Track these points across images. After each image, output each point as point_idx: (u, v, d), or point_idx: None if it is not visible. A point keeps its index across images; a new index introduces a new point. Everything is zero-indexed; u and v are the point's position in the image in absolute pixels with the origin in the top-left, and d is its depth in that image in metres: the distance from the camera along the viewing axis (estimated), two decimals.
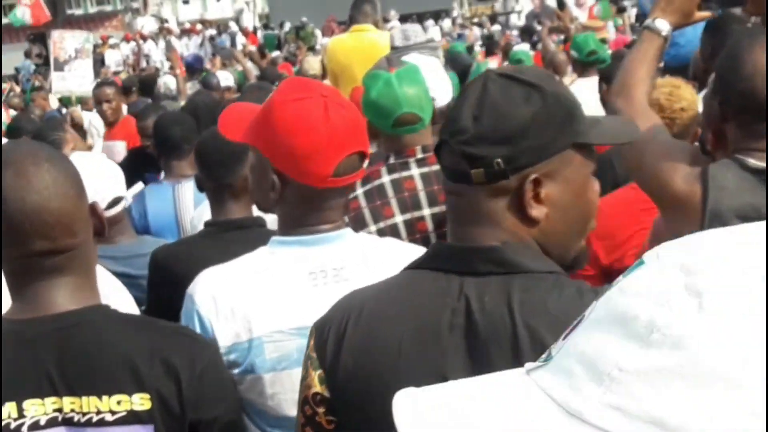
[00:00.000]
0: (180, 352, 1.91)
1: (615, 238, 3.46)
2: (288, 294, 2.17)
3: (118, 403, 1.84)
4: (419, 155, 3.18)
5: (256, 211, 3.15)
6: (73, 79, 9.91)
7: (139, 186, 4.18)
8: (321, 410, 1.72)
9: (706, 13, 2.80)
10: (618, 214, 3.49)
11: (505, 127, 1.62)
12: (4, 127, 9.44)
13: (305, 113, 2.14)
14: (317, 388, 1.72)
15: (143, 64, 23.20)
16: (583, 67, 7.50)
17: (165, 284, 2.97)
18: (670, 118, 3.51)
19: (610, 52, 8.01)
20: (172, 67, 12.46)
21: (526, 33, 16.77)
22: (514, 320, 1.57)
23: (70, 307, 1.88)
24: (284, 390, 2.19)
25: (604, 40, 9.09)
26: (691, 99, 3.64)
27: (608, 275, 3.54)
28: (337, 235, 2.21)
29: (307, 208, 2.20)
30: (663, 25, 2.72)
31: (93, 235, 1.95)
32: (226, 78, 10.36)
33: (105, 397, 1.84)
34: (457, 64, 9.00)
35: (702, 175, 2.52)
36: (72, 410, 1.84)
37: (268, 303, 2.16)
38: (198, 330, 2.16)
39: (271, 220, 2.96)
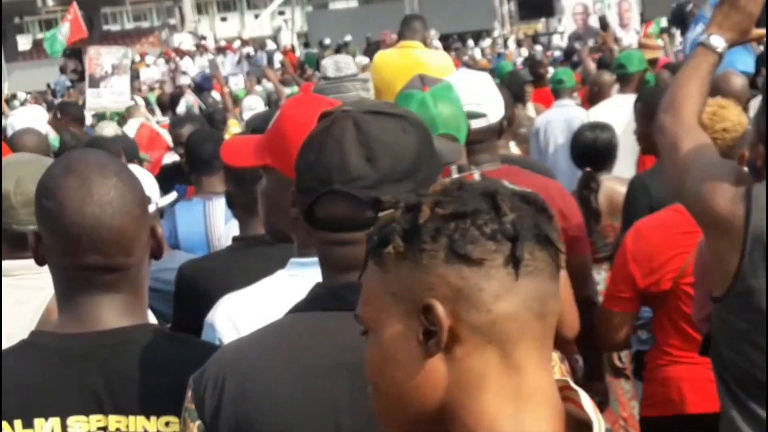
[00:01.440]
0: None
1: (652, 261, 3.44)
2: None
3: (167, 424, 1.81)
4: (455, 175, 3.17)
5: None
6: (109, 95, 9.98)
7: (172, 195, 4.19)
8: None
9: (762, 31, 2.78)
10: (656, 236, 3.47)
11: (401, 163, 1.64)
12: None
13: None
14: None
15: (180, 81, 23.38)
16: (621, 83, 7.48)
17: (191, 299, 2.95)
18: (712, 137, 3.49)
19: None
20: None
21: (568, 54, 16.75)
22: None
23: (119, 324, 1.86)
24: None
25: (654, 62, 9.04)
26: (736, 120, 3.61)
27: (644, 298, 3.52)
28: None
29: None
30: (718, 41, 2.69)
31: (149, 257, 1.94)
32: (251, 105, 10.29)
33: (153, 418, 1.81)
34: (513, 81, 9.01)
35: (746, 195, 2.49)
36: (117, 429, 1.81)
37: None
38: None
39: None
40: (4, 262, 2.49)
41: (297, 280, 2.16)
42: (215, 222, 4.47)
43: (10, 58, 33.20)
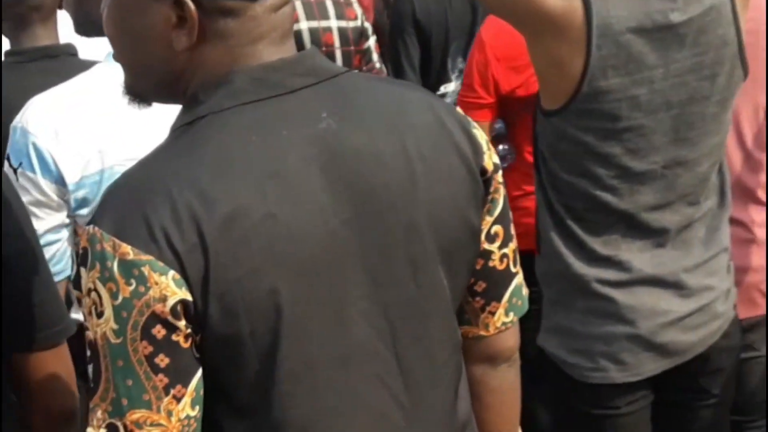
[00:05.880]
0: None
1: (517, 59, 3.13)
2: (138, 114, 1.87)
3: None
4: None
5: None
6: None
7: None
8: (182, 323, 1.33)
9: None
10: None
11: None
12: None
13: None
14: (178, 294, 1.32)
15: None
16: None
17: None
18: None
19: None
20: None
21: None
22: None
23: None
24: None
25: None
26: None
27: (506, 104, 3.22)
28: None
29: None
30: None
31: None
32: None
33: None
34: None
35: None
36: None
37: (117, 126, 2.00)
38: (37, 166, 2.06)
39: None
40: None
41: (120, 73, 1.92)
42: None
43: None
